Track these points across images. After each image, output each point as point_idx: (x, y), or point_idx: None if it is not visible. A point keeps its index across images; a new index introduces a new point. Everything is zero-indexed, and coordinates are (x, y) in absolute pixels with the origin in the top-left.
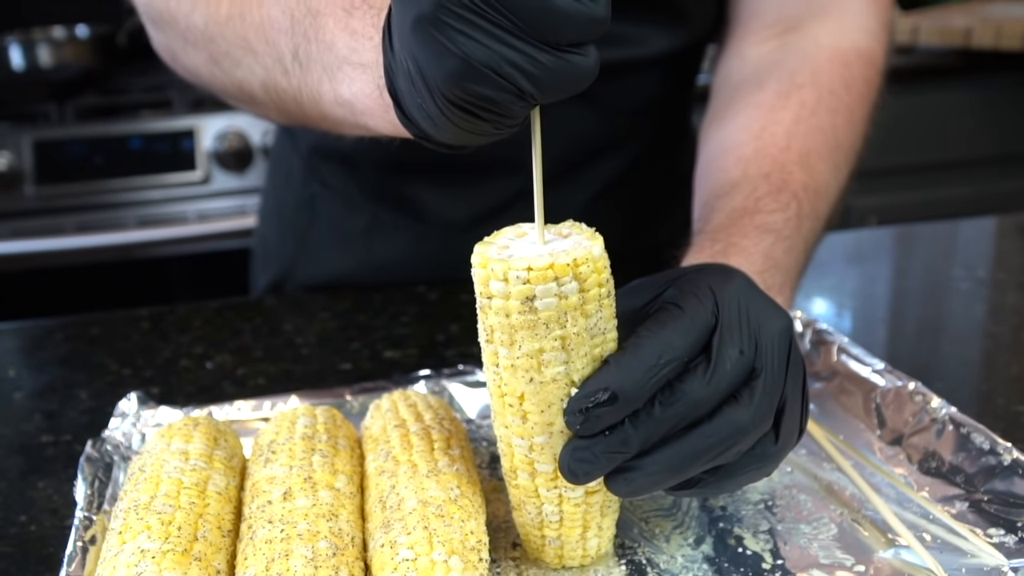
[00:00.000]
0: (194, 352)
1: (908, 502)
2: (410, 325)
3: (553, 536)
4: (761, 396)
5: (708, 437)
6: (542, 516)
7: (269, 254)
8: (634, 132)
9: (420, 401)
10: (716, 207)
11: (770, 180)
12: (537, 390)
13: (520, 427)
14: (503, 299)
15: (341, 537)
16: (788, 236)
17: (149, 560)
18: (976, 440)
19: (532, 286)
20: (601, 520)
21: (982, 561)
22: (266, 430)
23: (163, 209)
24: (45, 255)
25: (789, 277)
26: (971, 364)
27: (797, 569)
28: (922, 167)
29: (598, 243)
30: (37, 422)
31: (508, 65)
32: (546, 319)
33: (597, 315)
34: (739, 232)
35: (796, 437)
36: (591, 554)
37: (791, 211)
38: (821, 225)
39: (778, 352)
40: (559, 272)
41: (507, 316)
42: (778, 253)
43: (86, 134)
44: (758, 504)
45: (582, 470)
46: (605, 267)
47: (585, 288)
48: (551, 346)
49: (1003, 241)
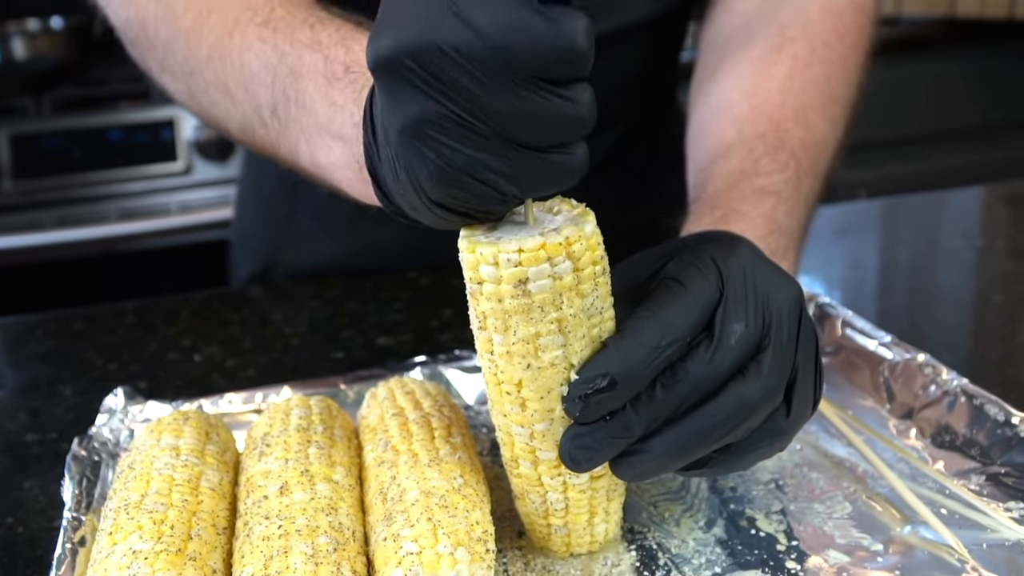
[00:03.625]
0: (181, 345)
1: (923, 477)
2: (402, 311)
3: (559, 524)
4: (770, 370)
5: (714, 415)
6: (547, 505)
7: (249, 243)
8: (621, 108)
9: (418, 388)
10: (712, 172)
11: (766, 140)
12: (535, 376)
13: (519, 415)
14: (494, 284)
15: (341, 532)
16: (789, 197)
17: (142, 561)
18: (990, 411)
19: (524, 268)
20: (608, 505)
21: (1003, 536)
22: (259, 423)
23: (145, 201)
24: (25, 251)
25: (793, 240)
26: (976, 334)
27: (813, 550)
28: (909, 139)
29: (590, 220)
30: (21, 420)
31: (488, 171)
32: (541, 302)
33: (593, 294)
34: (738, 197)
35: (810, 410)
36: (599, 540)
37: (790, 171)
38: (821, 183)
39: (787, 323)
40: (552, 252)
41: (500, 301)
42: (780, 216)
43: (64, 127)
44: (769, 484)
45: (584, 457)
46: (598, 244)
47: (580, 267)
48: (547, 329)
49: (998, 210)
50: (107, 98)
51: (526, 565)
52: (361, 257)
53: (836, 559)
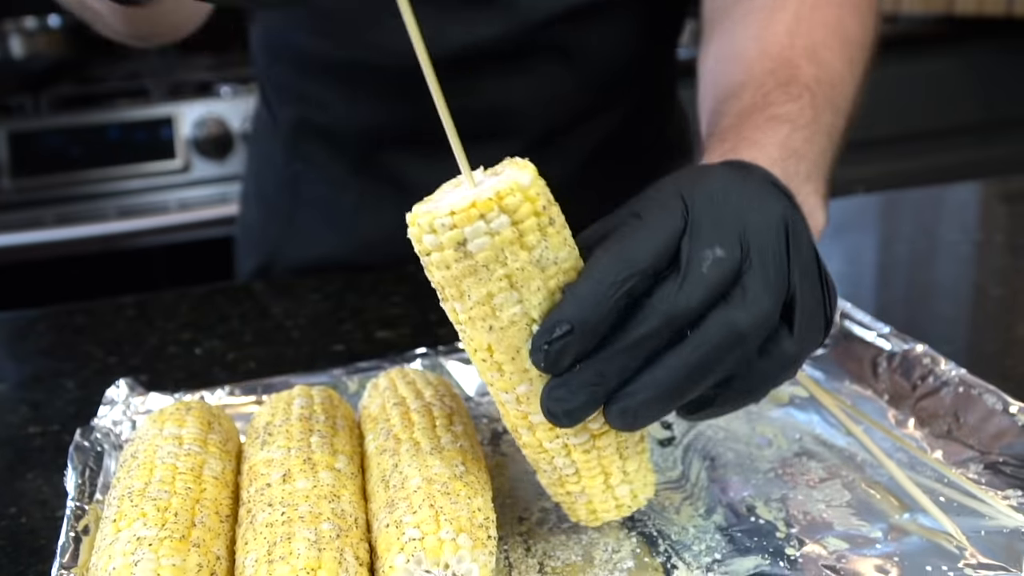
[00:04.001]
0: (182, 338)
1: (921, 466)
2: (402, 305)
3: (577, 491)
4: (756, 292)
5: (700, 346)
6: (558, 472)
7: (253, 239)
8: (616, 93)
9: (419, 378)
10: (723, 111)
11: (776, 76)
12: (500, 337)
13: (501, 380)
14: (438, 251)
15: (344, 518)
16: (805, 125)
17: (146, 548)
18: (988, 401)
19: (460, 229)
20: (623, 464)
21: (1001, 523)
22: (261, 412)
23: (143, 199)
24: (24, 248)
25: (815, 167)
26: (975, 327)
27: (812, 537)
28: (907, 136)
29: (527, 171)
30: (23, 413)
31: None
32: (484, 260)
33: (541, 245)
34: (750, 126)
35: (820, 330)
36: (626, 503)
37: (804, 101)
38: (842, 120)
39: (773, 243)
40: (483, 208)
41: (447, 268)
42: (796, 142)
43: (62, 124)
44: (768, 472)
45: (560, 409)
46: (539, 194)
47: (518, 220)
48: (498, 287)
49: (996, 206)
50: (105, 96)
51: (527, 551)
52: (362, 249)
53: (835, 546)
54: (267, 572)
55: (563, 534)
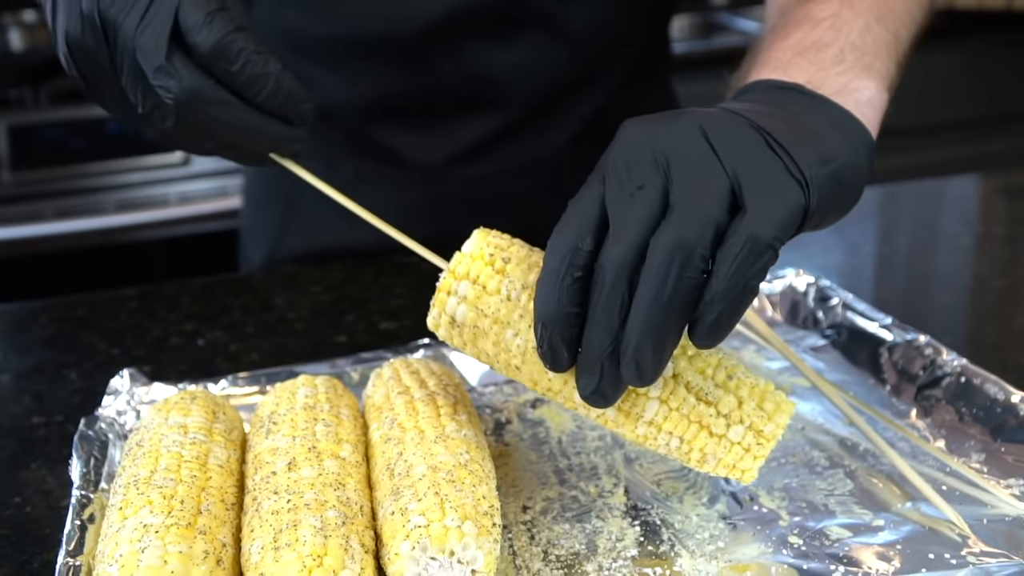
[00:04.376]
0: (184, 330)
1: (924, 455)
2: (404, 296)
3: (699, 456)
4: (684, 198)
5: (654, 276)
6: (677, 449)
7: (259, 229)
8: (603, 69)
9: (423, 368)
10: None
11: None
12: (530, 368)
13: (566, 400)
14: (451, 338)
15: (349, 506)
16: (825, 18)
17: (153, 535)
18: (990, 391)
19: (443, 312)
20: (717, 408)
21: (1003, 511)
22: (266, 401)
23: (143, 192)
24: (24, 242)
25: (850, 46)
26: (976, 318)
27: (814, 525)
28: (907, 130)
29: (473, 236)
30: (27, 404)
31: None
32: (471, 322)
33: (504, 284)
34: (765, 47)
35: (793, 195)
36: (752, 442)
37: (833, 4)
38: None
39: (691, 151)
40: (445, 288)
41: (465, 344)
42: (817, 35)
43: (62, 118)
44: (771, 462)
45: (590, 391)
46: (484, 247)
47: (474, 278)
48: (495, 335)
49: (996, 199)
50: None
51: (531, 540)
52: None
53: (838, 534)
54: (273, 559)
55: (567, 523)
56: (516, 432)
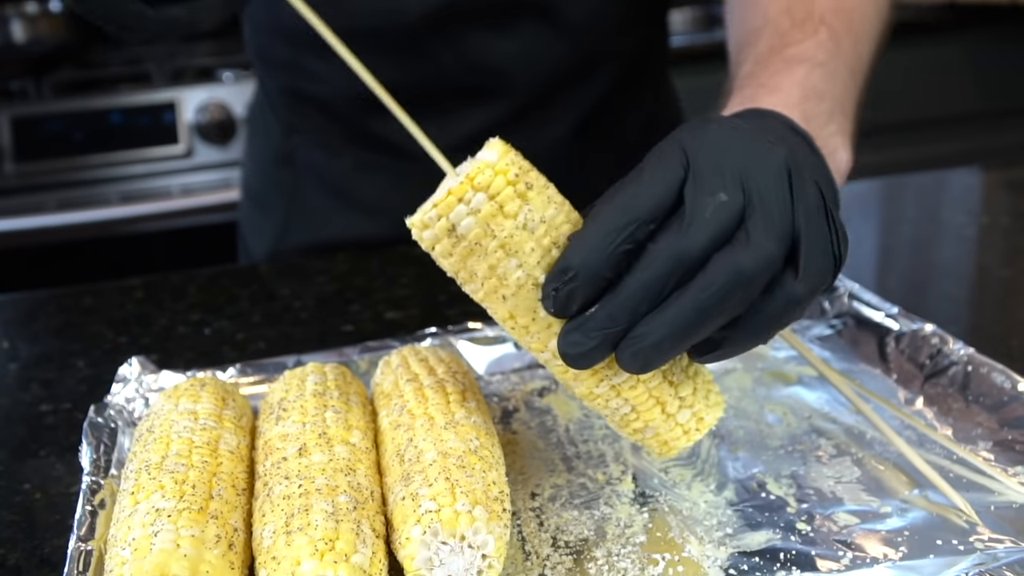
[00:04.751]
0: (191, 319)
1: (931, 443)
2: (410, 286)
3: (641, 427)
4: (760, 235)
5: (706, 288)
6: (618, 413)
7: (259, 224)
8: (602, 60)
9: (431, 355)
10: (742, 59)
11: (792, 14)
12: (515, 303)
13: (533, 342)
14: (437, 243)
15: (360, 491)
16: (824, 62)
17: (165, 519)
18: (996, 380)
19: (445, 217)
20: (676, 391)
21: (1010, 498)
22: (275, 388)
23: (146, 184)
24: (27, 233)
25: (838, 103)
26: (981, 308)
27: (822, 512)
28: (910, 124)
29: (494, 148)
30: (35, 392)
31: None
32: (475, 238)
33: (524, 210)
34: (767, 71)
35: (830, 270)
36: (693, 427)
37: (822, 35)
38: (866, 45)
39: (775, 188)
40: (459, 193)
41: (450, 255)
42: (815, 80)
43: (64, 109)
44: (778, 450)
45: (576, 351)
46: (509, 164)
47: (493, 193)
48: (496, 258)
49: (1000, 192)
50: (107, 81)
51: (540, 526)
52: (364, 217)
53: (845, 521)
54: (285, 543)
55: (575, 510)
56: (524, 420)
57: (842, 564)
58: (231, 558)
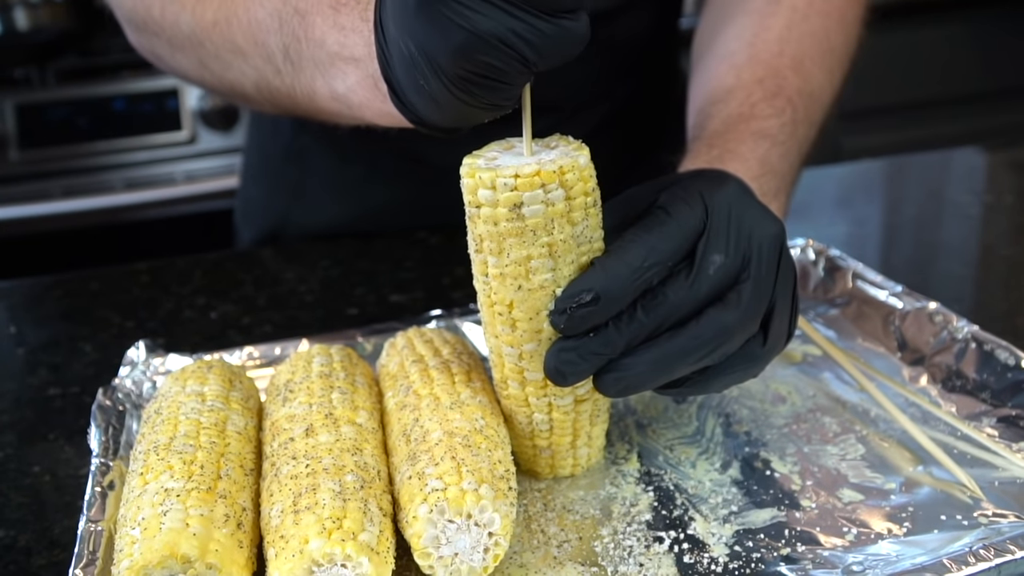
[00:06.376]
0: (196, 303)
1: (935, 420)
2: (414, 270)
3: (544, 446)
4: (749, 299)
5: (695, 338)
6: (532, 425)
7: (255, 211)
8: (628, 72)
9: (436, 337)
10: (711, 113)
11: (764, 86)
12: (525, 297)
13: (510, 335)
14: (491, 207)
15: (367, 471)
16: (783, 142)
17: (174, 499)
18: (1000, 356)
19: (519, 193)
20: (591, 429)
21: (1014, 474)
22: (281, 370)
23: (150, 171)
24: (32, 220)
25: (784, 183)
26: (985, 286)
27: (827, 489)
28: (911, 104)
29: (584, 153)
30: (43, 376)
31: (512, 35)
32: (533, 226)
33: (583, 223)
34: (735, 138)
35: (784, 341)
36: (582, 463)
37: (786, 116)
38: (815, 131)
39: (767, 258)
40: (546, 179)
41: (495, 224)
42: (773, 159)
43: (68, 96)
44: (783, 428)
45: (568, 370)
46: (591, 176)
47: (571, 196)
48: (539, 253)
49: (1004, 172)
50: (111, 68)
51: (546, 506)
52: (370, 219)
53: (850, 497)
54: (293, 521)
55: (580, 490)
56: None
57: (847, 540)
58: (240, 537)
